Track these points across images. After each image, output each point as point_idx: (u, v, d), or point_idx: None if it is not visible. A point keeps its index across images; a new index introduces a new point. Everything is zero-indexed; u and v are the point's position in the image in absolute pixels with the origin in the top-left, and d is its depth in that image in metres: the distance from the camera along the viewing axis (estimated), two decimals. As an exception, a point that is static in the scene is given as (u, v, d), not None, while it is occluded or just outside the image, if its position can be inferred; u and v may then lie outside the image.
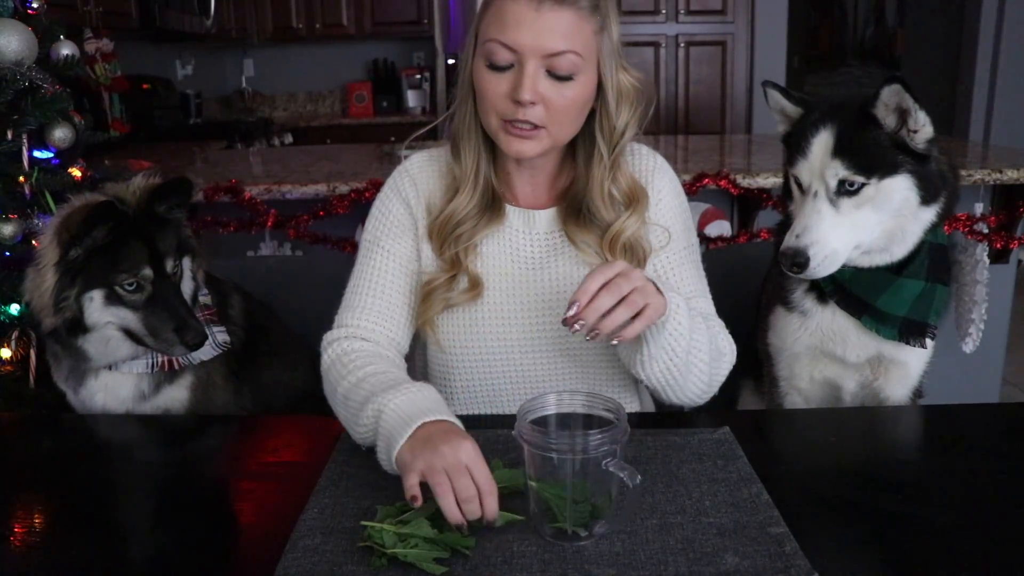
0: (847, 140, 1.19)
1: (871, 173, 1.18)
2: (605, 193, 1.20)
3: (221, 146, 3.85)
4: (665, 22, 4.94)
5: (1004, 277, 2.72)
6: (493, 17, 1.12)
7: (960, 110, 5.04)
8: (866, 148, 1.18)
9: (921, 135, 1.18)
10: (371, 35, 5.33)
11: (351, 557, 0.86)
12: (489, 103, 1.14)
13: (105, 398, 1.37)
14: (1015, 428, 1.22)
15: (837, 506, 0.97)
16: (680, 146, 3.33)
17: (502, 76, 1.11)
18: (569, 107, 1.13)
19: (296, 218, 2.46)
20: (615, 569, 0.83)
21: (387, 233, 1.26)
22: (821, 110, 1.24)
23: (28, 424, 1.42)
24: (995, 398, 2.86)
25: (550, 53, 1.09)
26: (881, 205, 1.19)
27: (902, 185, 1.19)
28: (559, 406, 0.94)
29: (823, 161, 1.20)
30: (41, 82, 1.68)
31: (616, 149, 1.20)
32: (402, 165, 1.31)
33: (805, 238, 1.19)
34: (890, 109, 1.17)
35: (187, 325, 1.28)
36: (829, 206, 1.20)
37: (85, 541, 0.94)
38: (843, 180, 1.18)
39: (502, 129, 1.14)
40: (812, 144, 1.21)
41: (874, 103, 1.17)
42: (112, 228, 1.25)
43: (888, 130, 1.18)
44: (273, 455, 1.15)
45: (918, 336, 1.29)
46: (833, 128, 1.20)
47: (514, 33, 1.09)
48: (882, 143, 1.18)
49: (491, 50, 1.11)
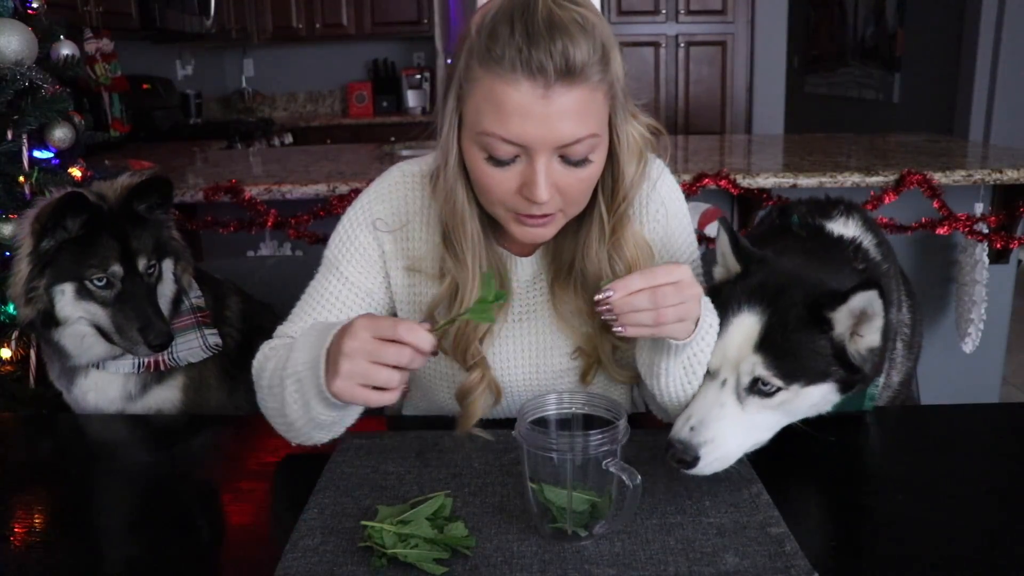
0: (779, 337, 0.97)
1: (794, 380, 0.97)
2: (602, 260, 1.07)
3: (221, 146, 3.86)
4: (665, 22, 4.94)
5: (1004, 277, 2.72)
6: (485, 103, 0.93)
7: (960, 110, 5.04)
8: (798, 353, 0.97)
9: (866, 341, 0.98)
10: (371, 35, 5.33)
11: (351, 557, 0.86)
12: (494, 197, 0.99)
13: (96, 397, 1.38)
14: (1015, 428, 1.22)
15: (837, 506, 0.97)
16: (680, 146, 3.33)
17: (507, 170, 0.96)
18: (585, 188, 1.00)
19: (296, 218, 2.46)
20: (615, 569, 0.83)
21: (347, 259, 1.15)
22: (760, 282, 1.01)
23: (28, 424, 1.42)
24: (995, 398, 2.86)
25: (565, 144, 0.93)
26: (793, 409, 1.01)
27: (825, 391, 1.00)
28: (559, 406, 0.94)
29: (740, 351, 0.98)
30: (41, 82, 1.68)
31: (619, 210, 1.05)
32: (376, 187, 1.18)
33: (701, 435, 0.97)
34: (852, 315, 0.96)
35: (151, 325, 1.28)
36: (735, 400, 0.99)
37: (85, 541, 0.94)
38: (758, 379, 0.98)
39: (514, 220, 1.01)
40: (733, 323, 1.00)
41: (836, 306, 0.95)
42: (87, 222, 1.26)
43: (836, 338, 0.97)
44: (273, 455, 1.15)
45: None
46: (765, 315, 0.98)
47: (519, 128, 0.91)
48: (819, 351, 0.97)
49: (490, 144, 0.94)
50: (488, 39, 0.92)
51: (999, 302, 2.69)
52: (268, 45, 5.42)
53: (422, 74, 5.47)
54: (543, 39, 0.89)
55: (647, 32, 4.94)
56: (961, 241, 2.64)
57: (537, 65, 0.89)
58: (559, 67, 0.90)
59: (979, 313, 2.57)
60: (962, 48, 5.00)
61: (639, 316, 0.90)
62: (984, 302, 2.56)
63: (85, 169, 1.81)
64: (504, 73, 0.91)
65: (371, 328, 0.87)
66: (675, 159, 2.81)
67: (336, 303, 1.15)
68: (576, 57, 0.90)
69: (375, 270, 1.16)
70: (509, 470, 1.03)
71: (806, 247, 1.14)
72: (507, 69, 0.90)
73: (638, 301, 0.89)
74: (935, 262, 2.74)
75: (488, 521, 0.92)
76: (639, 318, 0.91)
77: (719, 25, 4.97)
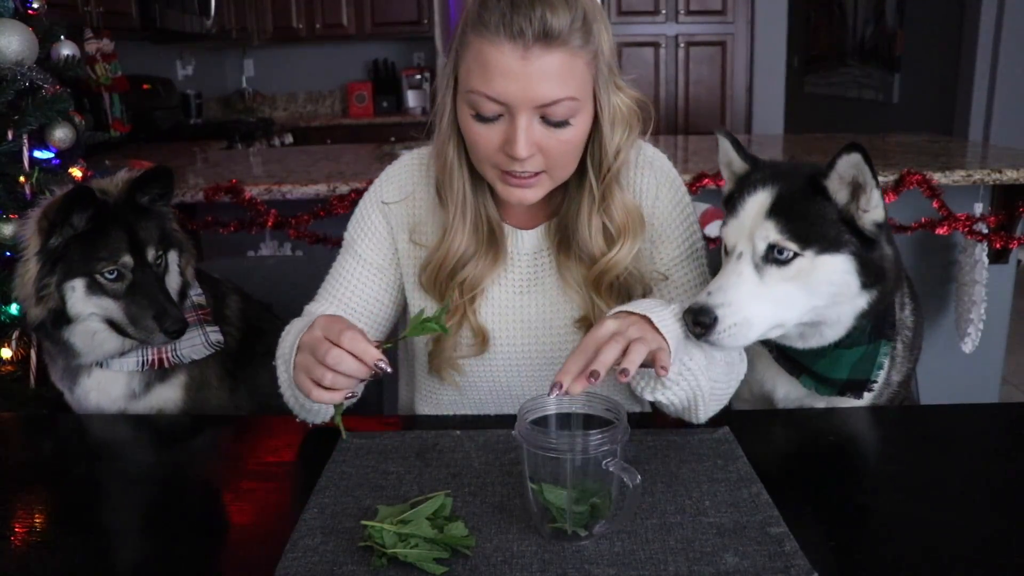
0: (787, 203, 1.05)
1: (808, 244, 1.03)
2: (594, 227, 1.14)
3: (221, 146, 3.86)
4: (665, 22, 4.94)
5: (1004, 277, 2.72)
6: (474, 63, 1.02)
7: (960, 110, 5.04)
8: (807, 216, 1.04)
9: (871, 216, 1.05)
10: (371, 35, 5.33)
11: (351, 557, 0.86)
12: (482, 154, 1.07)
13: (99, 397, 1.38)
14: (1015, 428, 1.22)
15: (837, 506, 0.97)
16: (680, 146, 3.33)
17: (492, 127, 1.04)
18: (568, 150, 1.07)
19: (296, 218, 2.47)
20: (615, 569, 0.83)
21: (361, 239, 1.25)
22: (767, 169, 1.12)
23: (28, 424, 1.42)
24: (995, 398, 2.86)
25: (544, 103, 1.01)
26: (814, 284, 1.04)
27: (842, 267, 1.04)
28: (559, 406, 0.94)
29: (755, 220, 1.05)
30: (42, 82, 1.68)
31: (607, 178, 1.12)
32: (387, 172, 1.28)
33: (717, 296, 1.02)
34: (844, 182, 1.04)
35: (166, 313, 1.28)
36: (753, 271, 1.04)
37: (85, 541, 0.94)
38: (773, 245, 1.03)
39: (499, 178, 1.09)
40: (747, 202, 1.08)
41: (827, 173, 1.04)
42: (93, 217, 1.27)
43: (837, 204, 1.05)
44: (273, 455, 1.15)
45: (858, 391, 1.21)
46: (775, 188, 1.06)
47: (501, 85, 1.00)
48: (827, 215, 1.04)
49: (476, 102, 1.02)
50: (480, 7, 1.02)
51: (999, 302, 2.69)
52: (268, 45, 5.42)
53: (422, 74, 5.47)
54: (524, 5, 0.99)
55: (647, 32, 4.94)
56: (961, 241, 2.64)
57: (517, 29, 0.98)
58: (537, 31, 0.98)
59: (979, 313, 2.57)
60: (962, 48, 5.00)
61: (602, 358, 0.91)
62: (984, 302, 2.56)
63: (85, 169, 1.81)
64: (490, 36, 1.00)
65: (324, 328, 0.94)
66: (675, 159, 2.81)
67: (352, 280, 1.24)
68: (554, 23, 0.98)
69: (385, 246, 1.25)
70: (509, 470, 1.03)
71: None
72: (492, 32, 0.99)
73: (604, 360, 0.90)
74: (935, 262, 2.74)
75: (488, 521, 0.92)
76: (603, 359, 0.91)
77: (719, 25, 4.97)
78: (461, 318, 1.19)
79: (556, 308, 1.22)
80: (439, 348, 1.22)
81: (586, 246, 1.14)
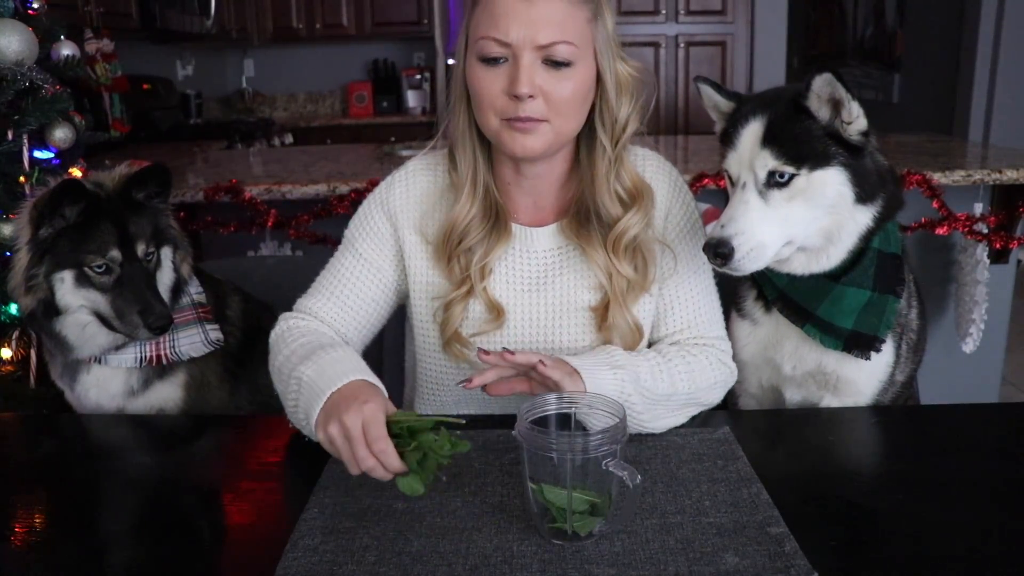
0: (777, 130, 1.14)
1: (802, 163, 1.12)
2: (612, 189, 1.19)
3: (221, 146, 3.85)
4: (665, 22, 4.94)
5: (1004, 277, 2.72)
6: (483, 13, 1.11)
7: (960, 110, 5.04)
8: (797, 138, 1.13)
9: (855, 126, 1.13)
10: (371, 35, 5.32)
11: (351, 557, 0.86)
12: (486, 101, 1.12)
13: (98, 394, 1.38)
14: (1015, 428, 1.22)
15: (837, 506, 0.97)
16: (680, 146, 3.33)
17: (497, 71, 1.10)
18: (569, 99, 1.12)
19: (296, 218, 2.46)
20: (615, 569, 0.83)
21: (362, 238, 1.27)
22: (752, 102, 1.20)
23: (28, 424, 1.43)
24: (995, 398, 2.86)
25: (544, 44, 1.08)
26: (813, 199, 1.14)
27: (835, 179, 1.13)
28: (559, 406, 0.94)
29: (752, 151, 1.14)
30: (42, 82, 1.68)
31: (619, 143, 1.18)
32: (393, 175, 1.29)
33: (730, 228, 1.13)
34: (823, 100, 1.12)
35: (150, 308, 1.29)
36: (758, 198, 1.14)
37: (85, 541, 0.94)
38: (773, 171, 1.13)
39: (503, 128, 1.13)
40: (742, 135, 1.16)
41: (806, 94, 1.12)
42: (84, 210, 1.27)
43: (822, 121, 1.13)
44: (273, 455, 1.15)
45: (864, 348, 1.23)
46: (763, 118, 1.15)
47: (505, 26, 1.08)
48: (814, 133, 1.13)
49: (483, 46, 1.10)
50: None
51: (999, 302, 2.68)
52: (268, 45, 5.41)
53: (422, 74, 5.46)
54: None
55: (647, 32, 4.94)
56: (961, 241, 2.63)
57: None
58: None
59: (979, 313, 2.57)
60: (962, 48, 5.00)
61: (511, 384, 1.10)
62: (984, 302, 2.56)
63: (85, 169, 1.81)
64: None
65: (368, 421, 0.93)
66: (675, 159, 2.81)
67: (350, 277, 1.25)
68: None
69: (385, 248, 1.26)
70: (509, 470, 1.03)
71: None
72: None
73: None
74: (935, 262, 2.74)
75: (488, 521, 0.92)
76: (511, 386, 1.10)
77: (719, 25, 4.97)
78: (468, 292, 1.22)
79: (566, 305, 1.23)
80: (449, 317, 1.23)
81: (605, 210, 1.19)
